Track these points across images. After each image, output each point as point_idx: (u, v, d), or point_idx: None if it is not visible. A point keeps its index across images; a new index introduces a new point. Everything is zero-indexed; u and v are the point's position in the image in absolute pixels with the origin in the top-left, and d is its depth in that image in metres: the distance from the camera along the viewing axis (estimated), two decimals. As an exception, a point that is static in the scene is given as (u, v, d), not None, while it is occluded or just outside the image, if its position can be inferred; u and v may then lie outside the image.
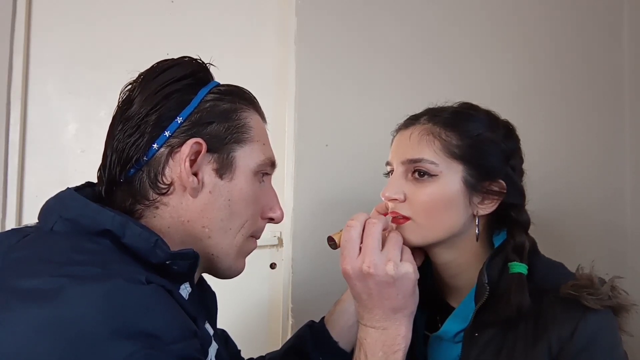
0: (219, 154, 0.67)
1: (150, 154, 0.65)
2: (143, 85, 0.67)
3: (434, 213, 0.79)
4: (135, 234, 0.58)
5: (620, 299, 0.74)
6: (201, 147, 0.65)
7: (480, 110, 0.85)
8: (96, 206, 0.60)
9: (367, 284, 0.74)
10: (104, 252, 0.56)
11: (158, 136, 0.65)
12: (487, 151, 0.81)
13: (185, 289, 0.64)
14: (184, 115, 0.66)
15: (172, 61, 0.69)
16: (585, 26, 1.45)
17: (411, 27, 1.41)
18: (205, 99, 0.68)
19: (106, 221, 0.58)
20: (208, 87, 0.69)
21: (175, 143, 0.65)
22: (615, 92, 1.44)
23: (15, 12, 1.35)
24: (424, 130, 0.81)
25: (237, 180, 0.68)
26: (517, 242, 0.81)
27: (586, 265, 0.79)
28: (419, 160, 0.80)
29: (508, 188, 0.81)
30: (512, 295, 0.76)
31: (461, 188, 0.79)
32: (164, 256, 0.59)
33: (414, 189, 0.80)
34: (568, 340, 0.73)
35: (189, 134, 0.66)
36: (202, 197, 0.66)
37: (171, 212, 0.66)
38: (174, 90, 0.66)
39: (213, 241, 0.68)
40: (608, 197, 1.42)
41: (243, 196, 0.69)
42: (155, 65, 0.70)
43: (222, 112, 0.68)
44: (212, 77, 0.72)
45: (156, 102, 0.65)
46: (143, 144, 0.64)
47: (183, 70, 0.68)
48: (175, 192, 0.66)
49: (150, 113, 0.65)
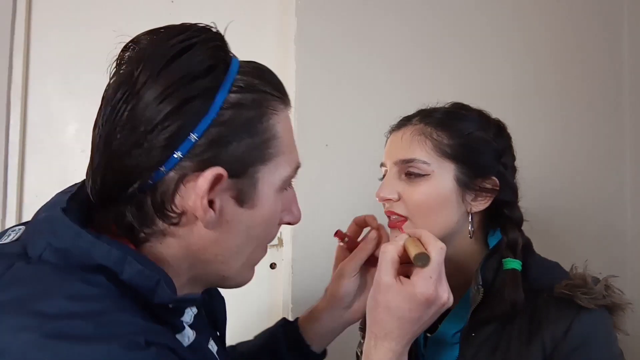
0: (240, 179, 0.55)
1: (156, 178, 0.52)
2: (147, 75, 0.52)
3: (428, 211, 0.80)
4: (135, 272, 0.50)
5: (615, 298, 0.75)
6: (222, 177, 0.53)
7: (471, 110, 0.86)
8: (90, 237, 0.50)
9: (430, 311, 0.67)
10: (99, 297, 0.48)
11: (167, 158, 0.51)
12: (478, 149, 0.82)
13: (190, 312, 0.58)
14: (200, 130, 0.52)
15: (185, 36, 0.54)
16: (585, 26, 1.45)
17: (411, 28, 1.41)
18: (225, 106, 0.53)
19: (102, 256, 0.50)
20: (227, 84, 0.54)
21: (188, 167, 0.52)
22: (615, 92, 1.44)
23: (15, 12, 1.36)
24: (415, 131, 0.82)
25: (260, 205, 0.57)
26: (511, 239, 0.81)
27: (580, 264, 0.79)
28: (411, 160, 0.81)
29: (501, 185, 0.82)
30: (506, 291, 0.76)
31: (454, 186, 0.80)
32: (167, 299, 0.52)
33: (407, 188, 0.81)
34: (561, 339, 0.73)
35: (205, 157, 0.52)
36: (218, 228, 0.56)
37: (180, 242, 0.56)
38: (191, 97, 0.52)
39: (226, 265, 0.60)
40: (608, 197, 1.42)
41: (264, 220, 0.59)
42: (163, 40, 0.54)
43: (246, 124, 0.54)
44: (230, 57, 0.57)
45: (167, 112, 0.51)
46: (148, 168, 0.52)
47: (201, 57, 0.53)
48: (186, 223, 0.55)
49: (159, 128, 0.51)
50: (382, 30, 1.40)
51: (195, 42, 0.54)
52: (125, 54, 0.56)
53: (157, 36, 0.55)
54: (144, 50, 0.54)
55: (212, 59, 0.54)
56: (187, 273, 0.58)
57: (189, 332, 0.56)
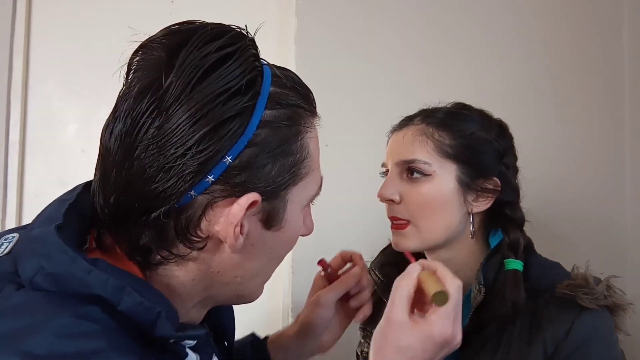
0: (270, 202, 0.51)
1: (183, 202, 0.48)
2: (181, 87, 0.46)
3: (429, 212, 0.80)
4: (133, 303, 0.45)
5: (616, 298, 0.75)
6: (256, 204, 0.49)
7: (473, 110, 0.86)
8: (86, 265, 0.46)
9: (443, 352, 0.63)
10: (91, 335, 0.43)
11: (198, 182, 0.47)
12: (480, 150, 0.82)
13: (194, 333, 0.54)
14: (235, 153, 0.47)
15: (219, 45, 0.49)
16: (586, 26, 1.45)
17: (411, 28, 1.41)
18: (261, 124, 0.49)
19: (98, 285, 0.45)
20: (263, 100, 0.49)
21: (219, 191, 0.48)
22: (615, 91, 1.44)
23: (15, 12, 1.36)
24: (417, 131, 0.82)
25: (286, 228, 0.54)
26: (512, 239, 0.81)
27: (582, 264, 0.79)
28: (412, 160, 0.81)
29: (502, 186, 0.82)
30: (508, 292, 0.76)
31: (455, 187, 0.80)
32: (167, 334, 0.48)
33: (408, 189, 0.81)
34: (563, 340, 0.73)
35: (237, 181, 0.48)
36: (242, 250, 0.52)
37: (199, 266, 0.52)
38: (228, 118, 0.47)
39: (243, 286, 0.56)
40: (608, 197, 1.42)
41: (288, 241, 0.57)
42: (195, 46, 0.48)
43: (281, 145, 0.50)
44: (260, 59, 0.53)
45: (202, 134, 0.46)
46: (177, 193, 0.47)
47: (240, 70, 0.48)
48: (210, 248, 0.51)
49: (193, 152, 0.46)
50: (382, 30, 1.40)
51: (232, 52, 0.49)
52: (142, 55, 0.50)
53: (183, 38, 0.49)
54: (170, 55, 0.48)
55: (250, 72, 0.49)
56: (201, 294, 0.55)
57: (192, 356, 0.53)
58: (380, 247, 0.97)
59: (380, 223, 0.90)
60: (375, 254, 0.97)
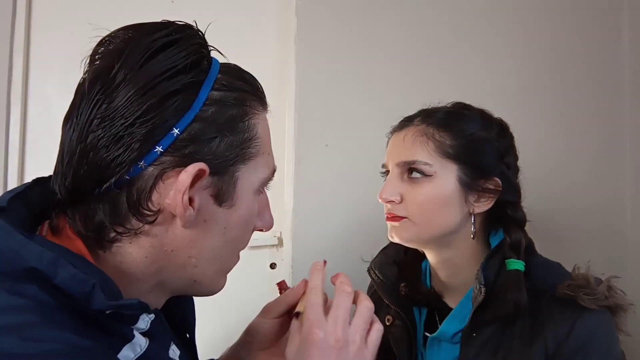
0: (220, 177, 0.54)
1: (133, 173, 0.50)
2: (129, 68, 0.50)
3: (429, 212, 0.80)
4: (68, 275, 0.46)
5: (617, 299, 0.75)
6: (203, 174, 0.52)
7: (473, 110, 0.86)
8: (21, 238, 0.47)
9: None
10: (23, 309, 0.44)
11: (147, 153, 0.50)
12: (481, 150, 0.81)
13: (147, 318, 0.53)
14: (182, 125, 0.51)
15: (167, 32, 0.53)
16: (585, 26, 1.44)
17: (411, 27, 1.41)
18: (208, 102, 0.53)
19: (33, 258, 0.46)
20: (210, 81, 0.53)
21: (168, 162, 0.51)
22: (615, 92, 1.44)
23: (15, 12, 1.36)
24: (417, 132, 0.82)
25: (238, 206, 0.56)
26: (514, 239, 0.81)
27: (583, 265, 0.79)
28: (413, 161, 0.80)
29: (503, 185, 0.81)
30: (509, 292, 0.76)
31: (456, 187, 0.80)
32: (102, 305, 0.47)
33: (409, 189, 0.81)
34: (564, 340, 0.73)
35: (186, 152, 0.51)
36: (195, 227, 0.54)
37: (152, 242, 0.53)
38: (173, 91, 0.51)
39: (199, 269, 0.57)
40: (608, 198, 1.42)
41: (241, 221, 0.58)
42: (144, 34, 0.53)
43: (228, 122, 0.54)
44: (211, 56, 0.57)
45: (149, 105, 0.49)
46: (127, 162, 0.49)
47: (184, 53, 0.52)
48: (162, 222, 0.53)
49: (140, 121, 0.49)
50: (382, 30, 1.40)
51: (178, 38, 0.53)
52: (100, 48, 0.54)
53: (136, 31, 0.54)
54: (123, 45, 0.52)
55: (195, 54, 0.53)
56: (155, 277, 0.55)
57: (141, 340, 0.52)
58: (380, 247, 0.97)
59: (380, 223, 0.90)
60: (375, 254, 0.97)
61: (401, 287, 0.89)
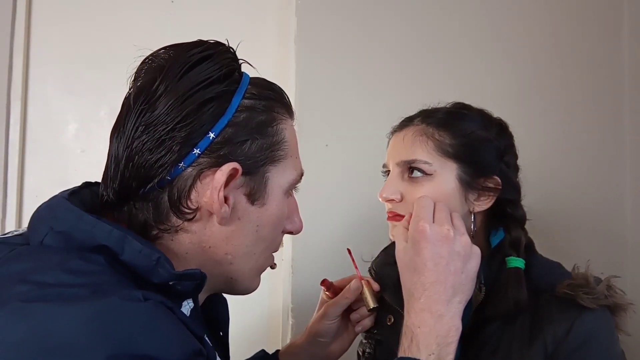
0: (252, 177, 0.59)
1: (174, 174, 0.56)
2: (169, 80, 0.56)
3: None
4: (135, 251, 0.51)
5: (617, 298, 0.75)
6: (237, 172, 0.57)
7: (472, 110, 0.86)
8: (92, 218, 0.52)
9: (440, 249, 0.71)
10: (97, 272, 0.49)
11: (186, 155, 0.55)
12: (480, 148, 0.82)
13: (187, 305, 0.58)
14: (217, 130, 0.56)
15: (202, 49, 0.59)
16: (585, 26, 1.44)
17: (411, 27, 1.41)
18: (240, 109, 0.58)
19: (103, 236, 0.51)
20: (241, 90, 0.59)
21: (205, 163, 0.56)
22: (615, 92, 1.44)
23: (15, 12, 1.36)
24: (417, 131, 0.82)
25: (269, 204, 0.61)
26: (514, 237, 0.81)
27: (582, 264, 0.79)
28: (413, 160, 0.81)
29: (503, 184, 0.82)
30: (510, 290, 0.76)
31: (456, 186, 0.80)
32: (167, 276, 0.53)
33: (410, 189, 0.81)
34: (563, 339, 0.73)
35: (222, 153, 0.57)
36: (230, 224, 0.59)
37: (192, 238, 0.59)
38: (209, 99, 0.56)
39: (235, 267, 0.62)
40: (608, 197, 1.42)
41: (272, 220, 0.63)
42: (182, 51, 0.59)
43: (258, 126, 0.59)
44: (241, 70, 0.63)
45: (187, 111, 0.55)
46: (168, 163, 0.55)
47: (218, 66, 0.58)
48: (200, 219, 0.58)
49: (180, 126, 0.55)
50: (382, 30, 1.40)
51: (212, 53, 0.59)
52: (145, 67, 0.60)
53: (175, 49, 0.60)
54: (164, 62, 0.58)
55: (227, 67, 0.59)
56: None
57: (190, 302, 0.58)
58: (380, 246, 0.97)
59: (381, 223, 0.90)
60: (375, 254, 0.97)
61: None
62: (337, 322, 0.87)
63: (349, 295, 0.86)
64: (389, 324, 0.91)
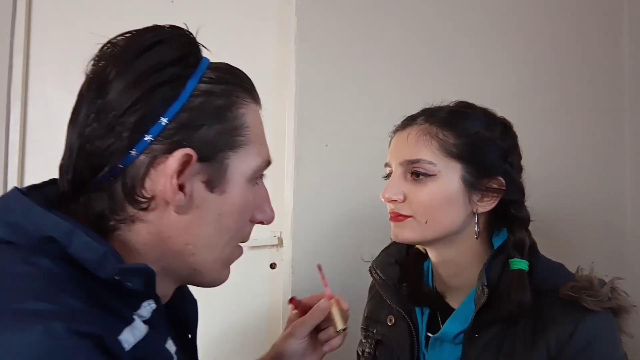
0: (210, 163, 0.57)
1: (127, 161, 0.53)
2: (120, 65, 0.54)
3: (433, 212, 0.79)
4: (82, 243, 0.49)
5: (620, 301, 0.74)
6: (191, 159, 0.55)
7: (476, 109, 0.85)
8: (41, 210, 0.51)
9: None
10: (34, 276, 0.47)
11: (137, 141, 0.53)
12: (484, 149, 0.81)
13: (149, 306, 0.55)
14: (170, 115, 0.54)
15: (155, 33, 0.57)
16: (585, 26, 1.44)
17: (411, 27, 1.41)
18: (195, 93, 0.56)
19: (50, 227, 0.50)
20: (198, 74, 0.57)
21: (159, 150, 0.54)
22: (615, 91, 1.44)
23: (15, 12, 1.36)
24: (421, 131, 0.81)
25: (230, 192, 0.58)
26: (517, 239, 0.81)
27: (586, 266, 0.79)
28: (417, 160, 0.80)
29: (507, 185, 0.81)
30: (513, 292, 0.76)
31: (460, 186, 0.79)
32: (112, 270, 0.50)
33: (413, 189, 0.80)
34: (567, 342, 0.73)
35: (175, 139, 0.54)
36: (188, 213, 0.56)
37: (150, 228, 0.56)
38: (160, 83, 0.54)
39: (197, 257, 0.59)
40: (608, 197, 1.42)
41: (235, 208, 0.60)
42: (134, 37, 0.57)
43: (216, 111, 0.57)
44: (201, 54, 0.60)
45: (137, 96, 0.53)
46: (119, 150, 0.53)
47: (171, 50, 0.56)
48: (156, 208, 0.55)
49: (130, 111, 0.53)
50: (382, 29, 1.40)
51: (167, 37, 0.57)
52: (100, 54, 0.58)
53: (130, 34, 0.58)
54: (118, 47, 0.56)
55: (182, 50, 0.57)
56: (156, 263, 0.56)
57: (141, 326, 0.53)
58: (381, 246, 0.97)
59: (380, 223, 0.90)
60: (375, 254, 0.96)
61: (403, 287, 0.89)
62: (305, 342, 0.82)
63: (316, 315, 0.82)
64: (389, 324, 0.91)
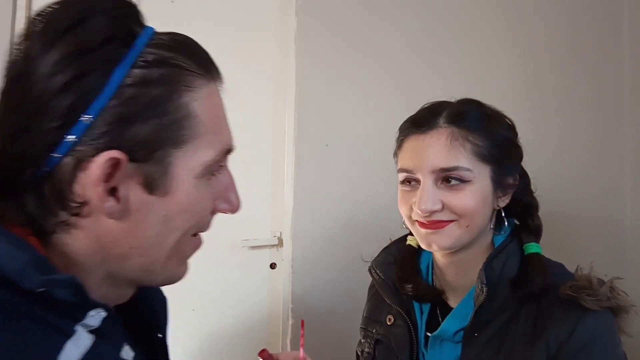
0: (147, 164, 0.49)
1: (51, 164, 0.46)
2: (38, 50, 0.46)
3: (476, 215, 0.79)
4: (2, 252, 0.44)
5: (619, 300, 0.75)
6: (119, 162, 0.47)
7: (493, 109, 0.85)
8: None
9: None
10: None
11: (58, 143, 0.46)
12: (508, 149, 0.82)
13: (97, 315, 0.49)
14: (94, 111, 0.46)
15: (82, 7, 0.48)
16: (585, 25, 1.45)
17: (410, 27, 1.41)
18: (126, 82, 0.47)
19: None
20: (129, 59, 0.47)
21: (85, 152, 0.46)
22: (615, 90, 1.44)
23: (15, 12, 1.36)
24: (450, 136, 0.78)
25: (176, 192, 0.51)
26: (536, 224, 0.84)
27: (585, 265, 0.79)
28: (454, 168, 0.77)
29: (520, 178, 0.84)
30: (536, 274, 0.77)
31: (490, 187, 0.80)
32: (35, 282, 0.44)
33: (449, 195, 0.78)
34: (566, 341, 0.73)
35: (103, 140, 0.46)
36: (127, 218, 0.50)
37: (87, 234, 0.50)
38: (83, 72, 0.46)
39: (147, 259, 0.53)
40: (608, 195, 1.42)
41: (184, 208, 0.52)
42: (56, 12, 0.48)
43: (152, 103, 0.48)
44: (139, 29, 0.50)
45: (57, 89, 0.45)
46: (39, 152, 0.46)
47: (101, 27, 0.47)
48: (91, 214, 0.49)
49: (48, 108, 0.45)
50: (382, 30, 1.40)
51: (90, 14, 0.47)
52: (27, 32, 0.49)
53: (52, 9, 0.48)
54: (41, 26, 0.48)
55: (111, 29, 0.47)
56: (101, 268, 0.52)
57: (85, 337, 0.47)
58: (380, 246, 0.97)
59: (380, 223, 0.90)
60: (375, 254, 0.96)
61: (405, 285, 0.88)
62: None
63: None
64: (388, 324, 0.91)
